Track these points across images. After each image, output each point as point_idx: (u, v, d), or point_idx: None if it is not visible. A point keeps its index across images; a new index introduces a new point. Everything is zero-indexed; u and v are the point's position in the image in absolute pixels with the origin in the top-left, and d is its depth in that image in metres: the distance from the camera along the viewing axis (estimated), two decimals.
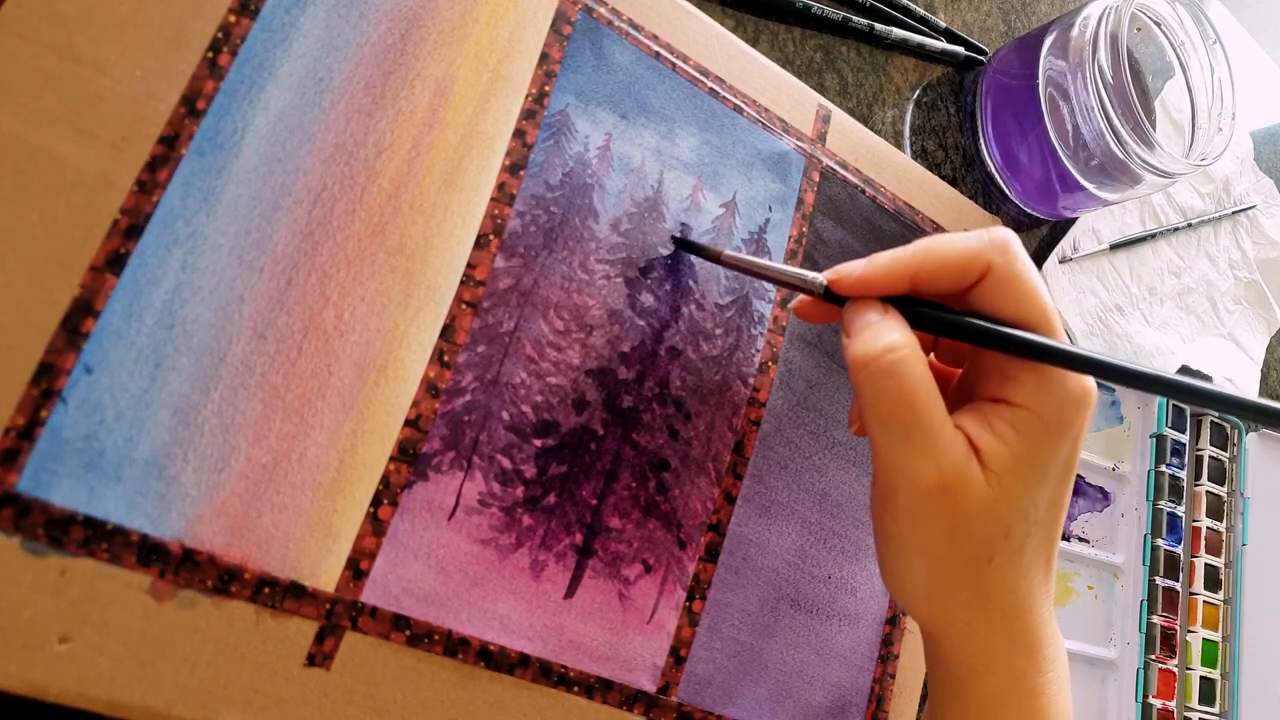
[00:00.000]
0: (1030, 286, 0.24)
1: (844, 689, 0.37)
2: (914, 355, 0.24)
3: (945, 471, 0.23)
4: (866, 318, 0.25)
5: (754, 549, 0.36)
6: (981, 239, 0.24)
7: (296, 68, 0.29)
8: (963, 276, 0.24)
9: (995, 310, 0.24)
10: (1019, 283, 0.24)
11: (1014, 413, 0.24)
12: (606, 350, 0.34)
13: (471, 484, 0.31)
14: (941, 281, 0.25)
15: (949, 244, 0.25)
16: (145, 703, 0.25)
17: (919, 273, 0.25)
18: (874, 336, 0.24)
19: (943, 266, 0.24)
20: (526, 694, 0.31)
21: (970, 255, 0.24)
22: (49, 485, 0.24)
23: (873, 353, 0.24)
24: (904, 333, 0.24)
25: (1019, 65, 0.47)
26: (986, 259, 0.24)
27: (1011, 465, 0.24)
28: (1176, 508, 0.51)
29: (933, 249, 0.25)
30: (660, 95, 0.37)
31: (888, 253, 0.26)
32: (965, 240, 0.25)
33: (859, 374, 0.24)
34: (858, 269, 0.26)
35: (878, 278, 0.25)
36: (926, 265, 0.25)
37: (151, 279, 0.27)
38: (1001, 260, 0.24)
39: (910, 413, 0.23)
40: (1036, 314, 0.24)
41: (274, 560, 0.27)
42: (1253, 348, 0.60)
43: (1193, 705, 0.49)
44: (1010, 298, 0.24)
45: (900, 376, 0.23)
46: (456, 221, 0.32)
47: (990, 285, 0.24)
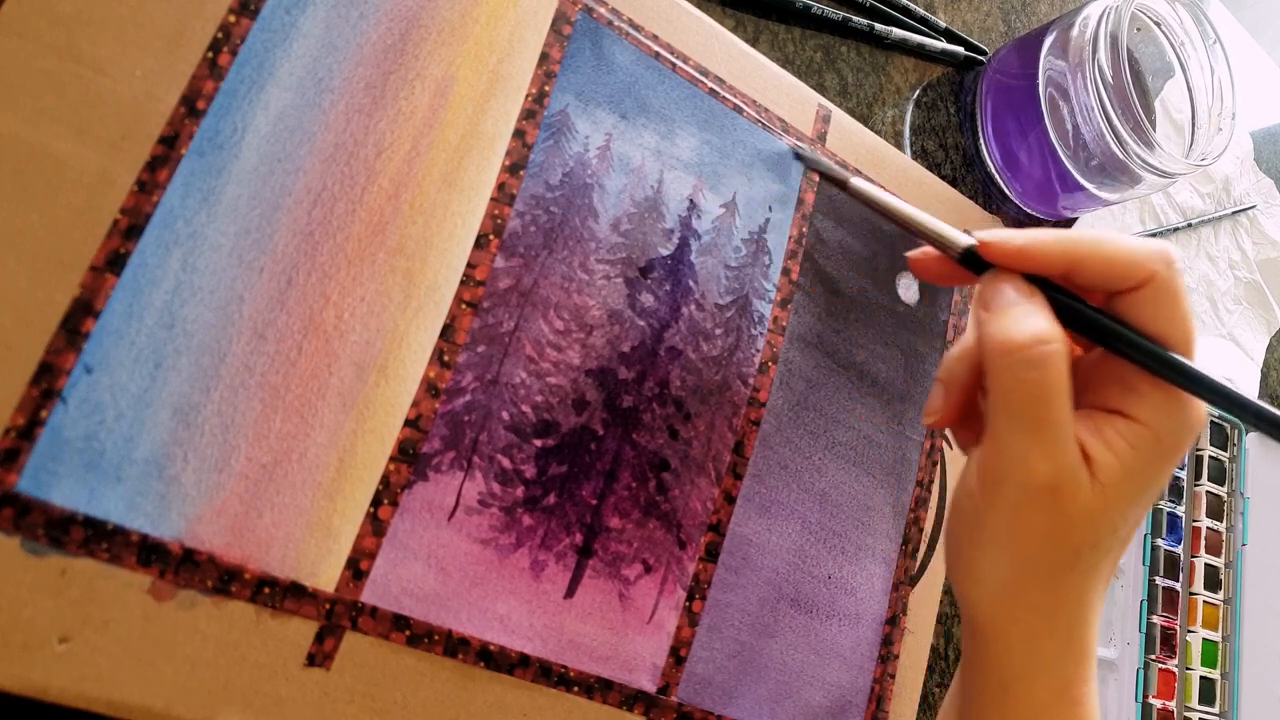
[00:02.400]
0: (1185, 306, 0.24)
1: (844, 689, 0.37)
2: (1063, 353, 0.23)
3: (1060, 472, 0.23)
4: (1008, 295, 0.24)
5: (754, 549, 0.36)
6: (1149, 246, 0.24)
7: (296, 68, 0.29)
8: (1123, 278, 0.24)
9: (1141, 321, 0.24)
10: (1176, 299, 0.24)
11: (1131, 428, 0.24)
12: (606, 350, 0.34)
13: (471, 484, 0.31)
14: (1099, 276, 0.24)
15: (1119, 242, 0.24)
16: (145, 703, 0.25)
17: (1081, 261, 0.24)
18: (1022, 321, 0.23)
19: (1110, 262, 0.24)
20: (526, 694, 0.31)
21: (1138, 260, 0.23)
22: (49, 485, 0.24)
23: (1020, 340, 0.23)
24: (1054, 324, 0.23)
25: (1019, 65, 0.47)
26: (1152, 268, 0.23)
27: (1120, 479, 0.24)
28: (1176, 508, 0.51)
29: (1103, 242, 0.24)
30: (660, 95, 0.37)
31: (1051, 232, 0.24)
32: (1134, 243, 0.24)
33: (1001, 359, 0.23)
34: (1019, 239, 0.24)
35: (1038, 254, 0.24)
36: (1093, 256, 0.24)
37: (151, 279, 0.27)
38: (1166, 273, 0.23)
39: (1045, 409, 0.23)
40: (1181, 335, 0.24)
41: (274, 560, 0.27)
42: (1253, 348, 0.60)
43: (1193, 705, 0.49)
44: (1163, 313, 0.24)
45: (1046, 370, 0.23)
46: (456, 221, 0.32)
47: (1147, 295, 0.23)
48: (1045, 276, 0.25)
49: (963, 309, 0.44)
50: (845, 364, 0.40)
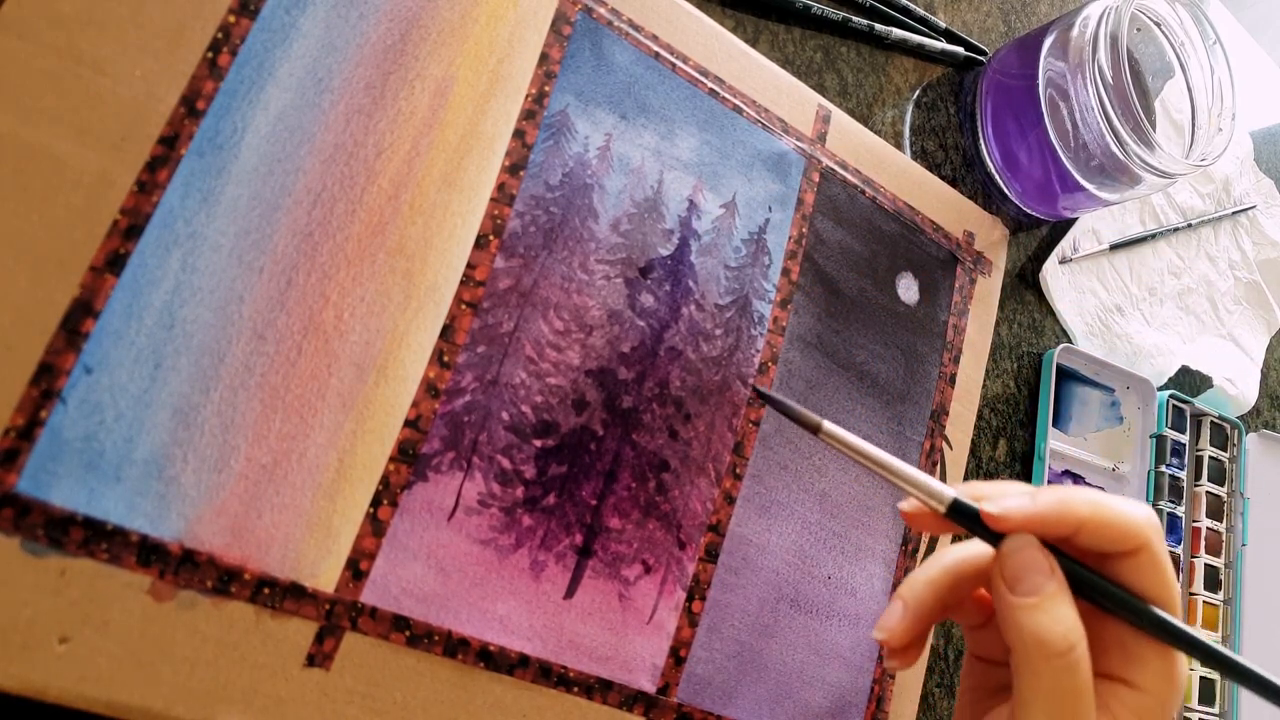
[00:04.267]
0: (1171, 573, 0.25)
1: (844, 689, 0.37)
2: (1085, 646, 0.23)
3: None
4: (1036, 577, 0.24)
5: (754, 549, 0.36)
6: (1141, 514, 0.24)
7: (296, 68, 0.29)
8: (1120, 544, 0.24)
9: (1135, 586, 0.24)
10: (1165, 566, 0.24)
11: (1137, 696, 0.24)
12: (606, 350, 0.34)
13: (471, 484, 0.31)
14: (1100, 542, 0.24)
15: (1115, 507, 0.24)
16: (145, 703, 0.25)
17: (1084, 527, 0.24)
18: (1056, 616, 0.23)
19: (1108, 528, 0.24)
20: (526, 694, 0.31)
21: (1135, 528, 0.24)
22: (49, 485, 0.24)
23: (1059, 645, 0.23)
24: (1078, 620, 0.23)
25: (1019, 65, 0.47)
26: (1146, 536, 0.24)
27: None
28: (1176, 508, 0.51)
29: (1100, 507, 0.24)
30: (660, 95, 0.37)
31: (1054, 493, 0.25)
32: (1129, 510, 0.24)
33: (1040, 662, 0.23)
34: (1024, 506, 0.24)
35: (1048, 519, 0.24)
36: (1094, 522, 0.24)
37: (151, 279, 0.27)
38: (1157, 541, 0.24)
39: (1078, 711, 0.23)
40: (1171, 600, 0.24)
41: (274, 560, 0.27)
42: (1253, 348, 0.60)
43: (1193, 705, 0.49)
44: (1155, 579, 0.24)
45: (1079, 675, 0.23)
46: (456, 222, 0.32)
47: (1142, 562, 0.24)
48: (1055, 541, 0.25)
49: (963, 309, 0.44)
50: (845, 364, 0.40)
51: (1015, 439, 0.48)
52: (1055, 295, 0.51)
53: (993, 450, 0.47)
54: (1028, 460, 0.48)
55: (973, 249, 0.45)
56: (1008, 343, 0.49)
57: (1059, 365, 0.49)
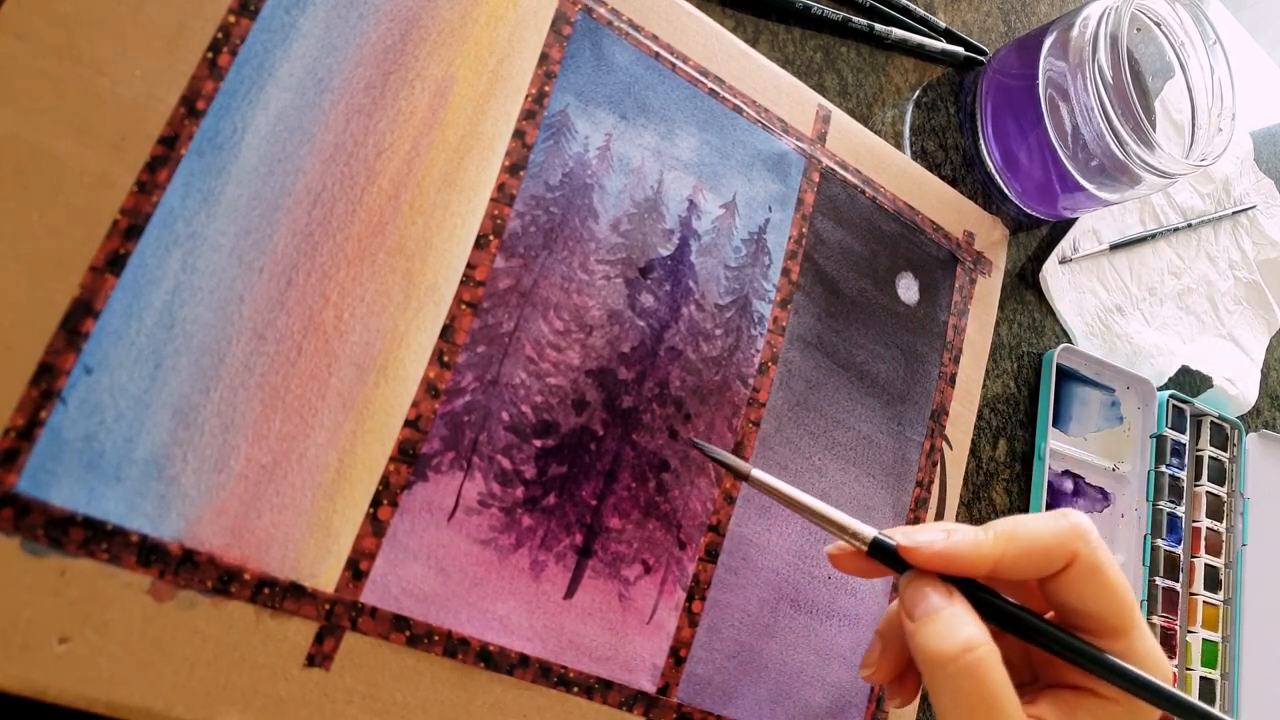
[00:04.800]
0: (1113, 578, 0.24)
1: (844, 689, 0.37)
2: (993, 654, 0.23)
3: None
4: (931, 601, 0.24)
5: (754, 549, 0.36)
6: (1062, 526, 0.24)
7: (296, 68, 0.29)
8: (1047, 566, 0.23)
9: (1078, 600, 0.24)
10: (1103, 574, 0.23)
11: (1103, 706, 0.24)
12: (606, 350, 0.34)
13: (471, 484, 0.31)
14: (1025, 570, 0.24)
15: (1034, 532, 0.24)
16: (145, 703, 0.25)
17: (1002, 560, 0.23)
18: (947, 630, 0.23)
19: (1029, 555, 0.23)
20: (526, 694, 0.31)
21: (1056, 544, 0.23)
22: (49, 485, 0.24)
23: (949, 651, 0.22)
24: (979, 626, 0.23)
25: (1019, 65, 0.47)
26: (1072, 549, 0.23)
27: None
28: (1176, 508, 0.51)
29: (1017, 536, 0.24)
30: (660, 95, 0.37)
31: (965, 531, 0.24)
32: (1049, 528, 0.24)
33: (935, 673, 0.23)
34: (937, 544, 0.24)
35: (959, 560, 0.24)
36: (1010, 554, 0.23)
37: (151, 279, 0.27)
38: (1086, 550, 0.23)
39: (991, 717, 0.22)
40: (1116, 608, 0.23)
41: (274, 560, 0.27)
42: (1253, 348, 0.60)
43: None
44: (1094, 588, 0.23)
45: (980, 680, 0.22)
46: (456, 222, 0.32)
47: (1075, 575, 0.23)
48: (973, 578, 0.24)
49: (963, 309, 0.44)
50: (845, 364, 0.40)
51: (1015, 439, 0.48)
52: (1055, 295, 0.51)
53: (993, 450, 0.47)
54: (1028, 460, 0.48)
55: (973, 249, 0.45)
56: (1008, 343, 0.49)
57: (1059, 365, 0.50)
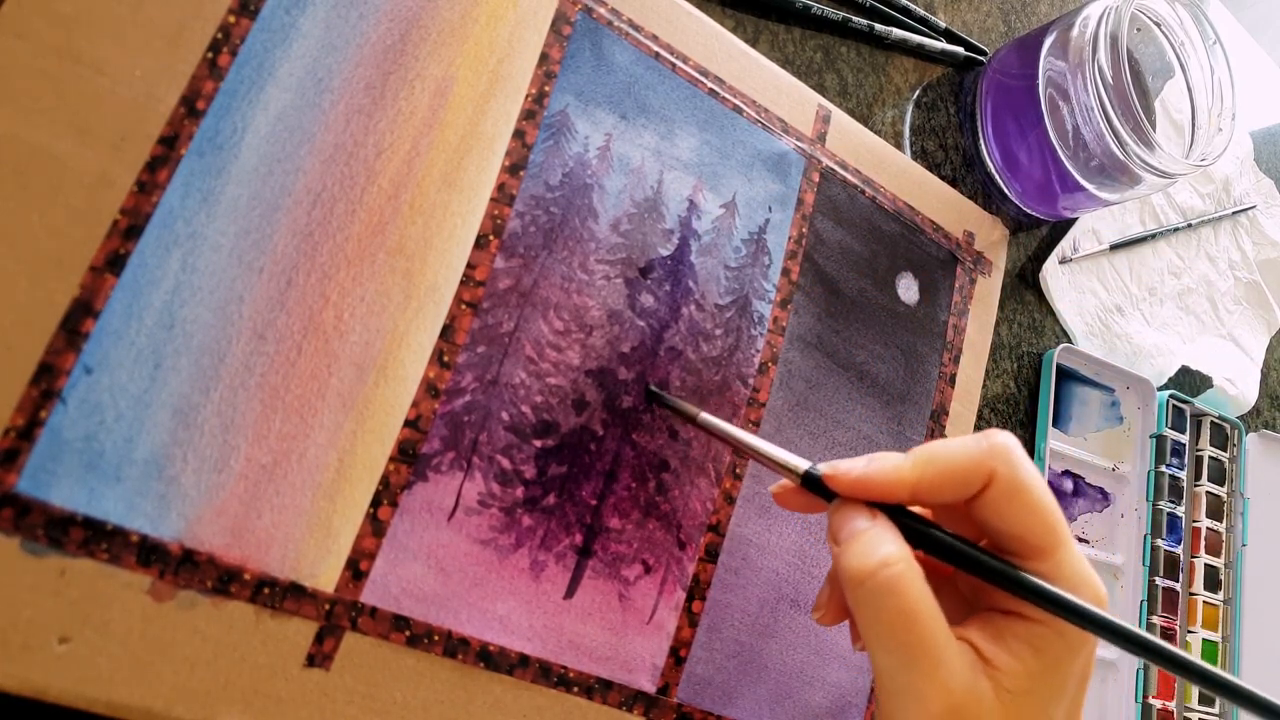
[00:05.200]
0: (1035, 496, 0.23)
1: (844, 689, 0.37)
2: (911, 569, 0.23)
3: (954, 694, 0.22)
4: (855, 524, 0.24)
5: (754, 549, 0.36)
6: (981, 446, 0.23)
7: (296, 68, 0.29)
8: (965, 487, 0.23)
9: (1000, 520, 0.23)
10: (1023, 492, 0.23)
11: (1030, 629, 0.23)
12: (606, 350, 0.34)
13: (471, 484, 0.31)
14: (944, 492, 0.24)
15: (950, 453, 0.24)
16: (145, 703, 0.25)
17: (920, 483, 0.24)
18: (867, 548, 0.23)
19: (945, 476, 0.23)
20: (526, 694, 0.31)
21: (973, 464, 0.23)
22: (49, 485, 0.24)
23: (867, 568, 0.23)
24: (898, 544, 0.23)
25: (1019, 65, 0.47)
26: (989, 468, 0.23)
27: (1028, 684, 0.23)
28: (1176, 508, 0.51)
29: (935, 458, 0.24)
30: (660, 95, 0.37)
31: (888, 458, 0.24)
32: (966, 448, 0.23)
33: (855, 591, 0.23)
34: (857, 468, 0.24)
35: (877, 484, 0.24)
36: (928, 476, 0.24)
37: (151, 279, 0.27)
38: (1005, 469, 0.23)
39: (912, 632, 0.22)
40: (1042, 525, 0.23)
41: (274, 560, 0.27)
42: (1253, 348, 0.60)
43: (1192, 705, 0.49)
44: (1015, 508, 0.23)
45: (899, 594, 0.22)
46: (456, 222, 0.32)
47: (994, 495, 0.23)
48: (893, 503, 0.24)
49: (963, 309, 0.44)
50: (845, 364, 0.40)
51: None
52: (1055, 295, 0.51)
53: None
54: None
55: (973, 249, 0.45)
56: (1008, 343, 0.49)
57: (1059, 365, 0.49)
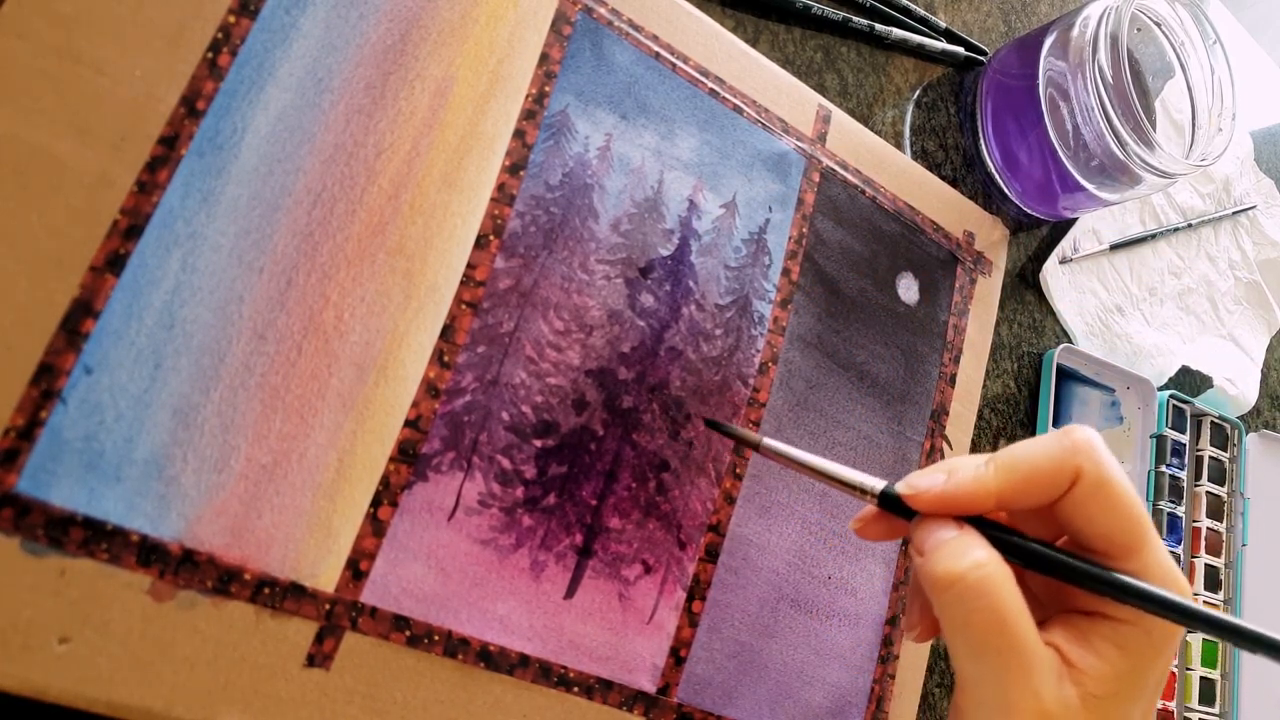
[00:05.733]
0: (1122, 492, 0.23)
1: (844, 689, 0.37)
2: (1002, 570, 0.22)
3: (1045, 703, 0.22)
4: (941, 534, 0.23)
5: (754, 549, 0.36)
6: (1065, 444, 0.23)
7: (296, 68, 0.29)
8: (1052, 489, 0.23)
9: (1086, 520, 0.23)
10: (1110, 489, 0.23)
11: (1116, 629, 0.23)
12: (606, 350, 0.34)
13: (471, 484, 0.31)
14: (1031, 497, 0.23)
15: (1033, 456, 0.23)
16: (145, 703, 0.25)
17: (1005, 491, 0.23)
18: (956, 553, 0.22)
19: (1031, 481, 0.23)
20: (526, 694, 0.31)
21: (1057, 465, 0.23)
22: (49, 485, 0.24)
23: (957, 570, 0.22)
24: (988, 548, 0.22)
25: (1019, 65, 0.47)
26: (1075, 465, 0.22)
27: (1114, 687, 0.22)
28: (1176, 508, 0.51)
29: (1018, 464, 0.23)
30: (660, 95, 0.37)
31: (965, 467, 0.23)
32: (1049, 449, 0.23)
33: (944, 595, 0.22)
34: (937, 485, 0.23)
35: (963, 498, 0.23)
36: (1013, 483, 0.23)
37: (151, 279, 0.27)
38: (1090, 466, 0.22)
39: (1004, 636, 0.22)
40: (1129, 522, 0.23)
41: (274, 560, 0.27)
42: (1253, 348, 0.60)
43: (1193, 705, 0.49)
44: (1103, 506, 0.23)
45: (991, 595, 0.22)
46: (456, 222, 0.32)
47: (1080, 494, 0.23)
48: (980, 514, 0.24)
49: (963, 309, 0.44)
50: (845, 364, 0.40)
51: (1015, 439, 0.48)
52: (1055, 295, 0.51)
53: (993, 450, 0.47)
54: None
55: (973, 249, 0.45)
56: (1008, 343, 0.49)
57: (1059, 365, 0.49)
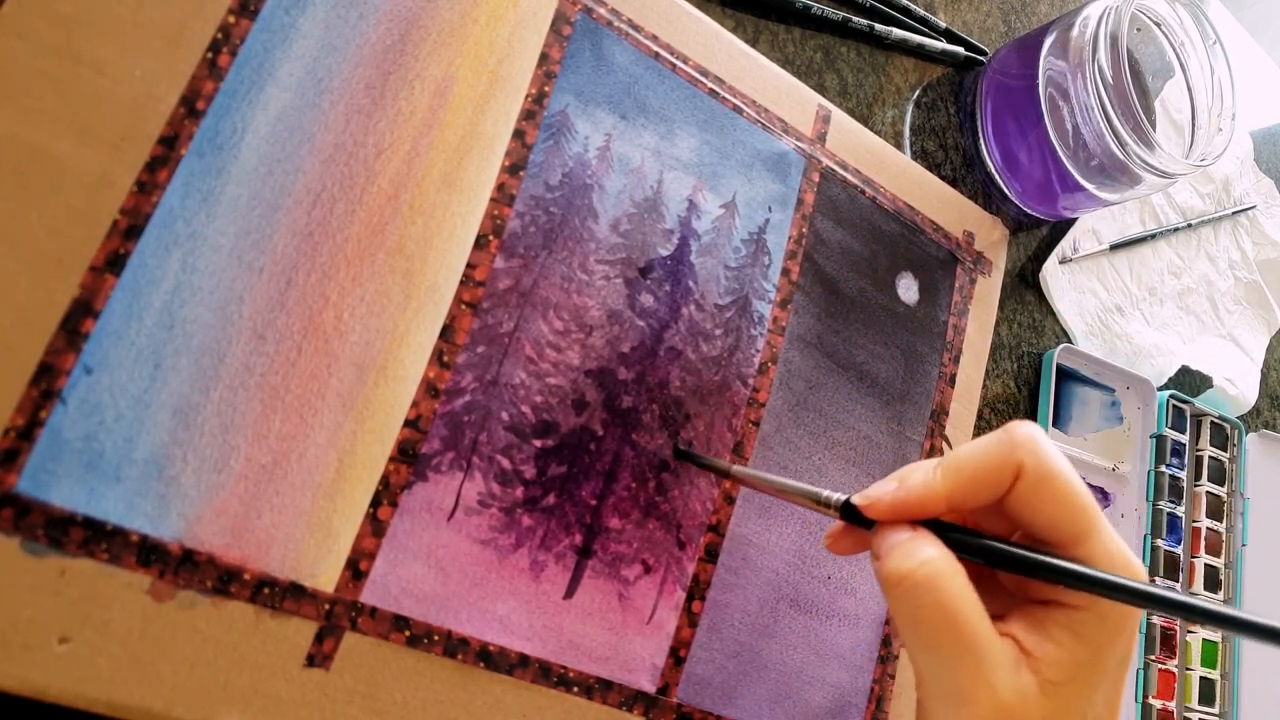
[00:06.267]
0: (1064, 483, 0.23)
1: (844, 689, 0.37)
2: (950, 566, 0.22)
3: (1000, 693, 0.22)
4: (895, 538, 0.24)
5: (753, 549, 0.36)
6: (1004, 442, 0.23)
7: (296, 68, 0.29)
8: (997, 486, 0.23)
9: (1031, 512, 0.23)
10: (1051, 481, 0.23)
11: (1070, 615, 0.23)
12: (606, 350, 0.34)
13: (471, 484, 0.31)
14: (978, 496, 0.23)
15: (976, 456, 0.23)
16: (145, 703, 0.25)
17: (953, 493, 0.23)
18: (907, 553, 0.23)
19: (975, 481, 0.23)
20: (526, 694, 0.31)
21: (999, 462, 0.23)
22: (49, 486, 0.24)
23: (906, 568, 0.22)
24: (938, 547, 0.23)
25: (1019, 65, 0.47)
26: (1017, 461, 0.23)
27: (1072, 673, 0.23)
28: (1176, 508, 0.51)
29: (962, 466, 0.24)
30: (660, 95, 0.37)
31: (915, 474, 0.24)
32: (989, 448, 0.23)
33: (894, 591, 0.23)
34: (889, 493, 0.24)
35: (913, 504, 0.24)
36: (960, 485, 0.23)
37: (151, 279, 0.27)
38: (1032, 460, 0.23)
39: (954, 629, 0.22)
40: (1073, 511, 0.23)
41: (274, 560, 0.27)
42: (1253, 348, 0.60)
43: (1193, 705, 0.49)
44: (1045, 498, 0.23)
45: (938, 590, 0.22)
46: (456, 222, 0.32)
47: (1023, 488, 0.23)
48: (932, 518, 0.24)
49: (963, 309, 0.44)
50: (845, 364, 0.40)
51: None
52: (1055, 295, 0.51)
53: None
54: None
55: (973, 249, 0.45)
56: (1008, 343, 0.49)
57: (1059, 365, 0.50)
